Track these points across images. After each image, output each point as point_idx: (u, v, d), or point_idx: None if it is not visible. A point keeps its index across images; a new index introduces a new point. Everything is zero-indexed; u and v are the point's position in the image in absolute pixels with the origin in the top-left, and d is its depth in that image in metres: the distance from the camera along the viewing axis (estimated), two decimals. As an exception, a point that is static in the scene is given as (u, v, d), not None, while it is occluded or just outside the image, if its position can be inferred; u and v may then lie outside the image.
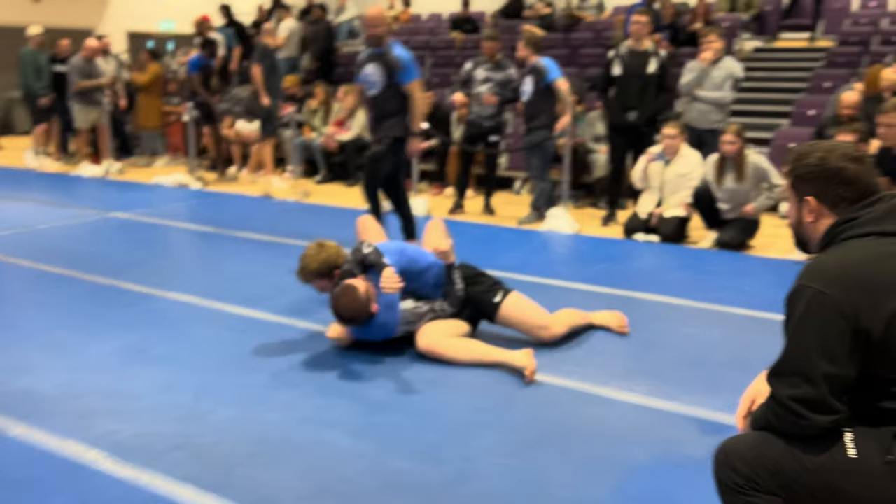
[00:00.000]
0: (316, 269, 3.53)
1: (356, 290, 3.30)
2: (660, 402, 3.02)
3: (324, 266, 3.53)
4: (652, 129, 6.49)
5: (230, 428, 2.77)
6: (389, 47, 5.03)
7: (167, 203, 7.46)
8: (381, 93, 5.07)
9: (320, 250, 3.56)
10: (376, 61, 5.03)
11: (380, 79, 5.03)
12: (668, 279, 4.88)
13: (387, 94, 5.06)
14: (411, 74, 5.02)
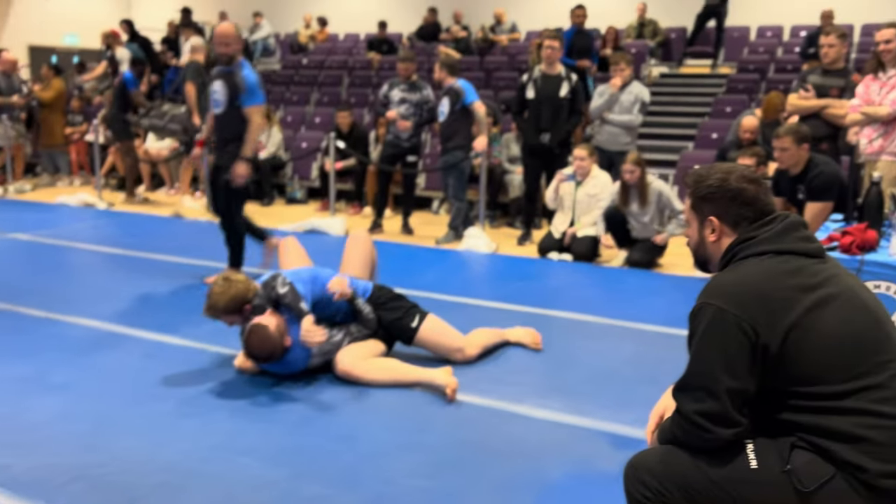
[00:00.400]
0: (224, 307, 3.37)
1: (266, 329, 3.21)
2: (574, 419, 3.07)
3: (232, 303, 3.37)
4: (564, 151, 6.66)
5: (135, 458, 2.66)
6: (238, 67, 4.78)
7: (72, 224, 7.15)
8: (224, 113, 4.85)
9: (228, 286, 3.38)
10: (223, 80, 4.80)
11: (224, 98, 4.81)
12: (580, 297, 4.98)
13: (230, 116, 4.83)
14: (254, 98, 4.79)
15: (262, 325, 3.22)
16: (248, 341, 3.24)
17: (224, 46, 4.73)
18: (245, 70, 4.79)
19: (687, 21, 11.76)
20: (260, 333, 3.21)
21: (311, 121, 10.38)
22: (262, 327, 3.21)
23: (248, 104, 4.79)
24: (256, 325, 3.23)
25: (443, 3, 14.00)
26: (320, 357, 3.42)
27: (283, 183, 9.37)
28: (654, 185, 5.81)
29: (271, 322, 3.25)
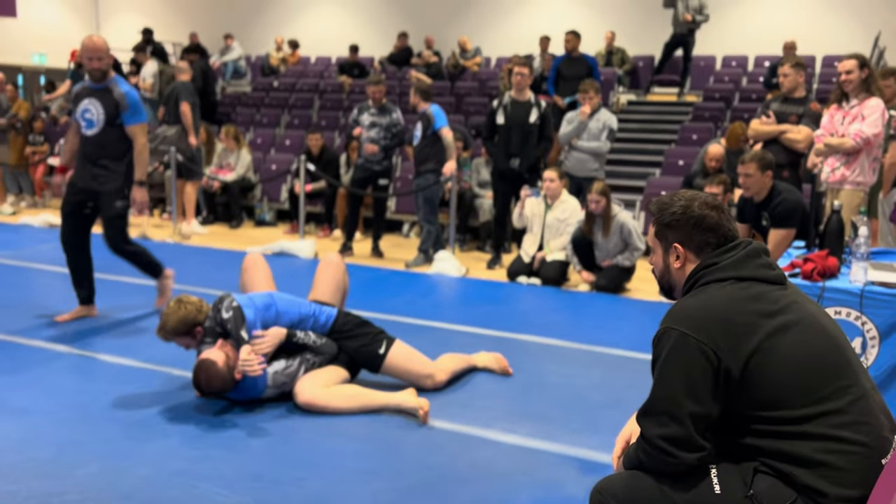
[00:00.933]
0: (173, 328, 3.32)
1: (214, 364, 3.14)
2: (541, 443, 3.07)
3: (181, 325, 3.32)
4: (534, 176, 6.72)
5: (96, 484, 2.60)
6: (114, 83, 4.44)
7: (34, 245, 7.03)
8: (99, 134, 4.43)
9: (178, 307, 3.34)
10: (97, 98, 4.42)
11: (99, 118, 4.40)
12: (549, 321, 5.00)
13: (107, 136, 4.44)
14: (138, 116, 4.47)
15: (209, 361, 3.15)
16: (195, 377, 3.17)
17: (96, 61, 4.36)
18: (124, 86, 4.45)
19: (654, 50, 12.00)
20: (207, 370, 3.13)
21: (282, 143, 10.36)
22: (210, 363, 3.14)
23: (132, 122, 4.46)
24: (203, 360, 3.16)
25: (414, 28, 14.13)
26: (275, 389, 3.35)
27: (252, 205, 9.32)
28: (618, 216, 5.87)
29: (219, 357, 3.18)
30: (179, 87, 8.25)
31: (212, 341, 3.33)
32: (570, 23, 13.28)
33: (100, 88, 4.45)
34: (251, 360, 3.14)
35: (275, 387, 3.34)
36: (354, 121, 7.07)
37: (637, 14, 13.15)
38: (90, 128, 4.45)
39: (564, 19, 13.46)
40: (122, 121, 4.46)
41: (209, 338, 3.34)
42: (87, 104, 4.44)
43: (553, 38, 11.62)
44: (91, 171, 4.47)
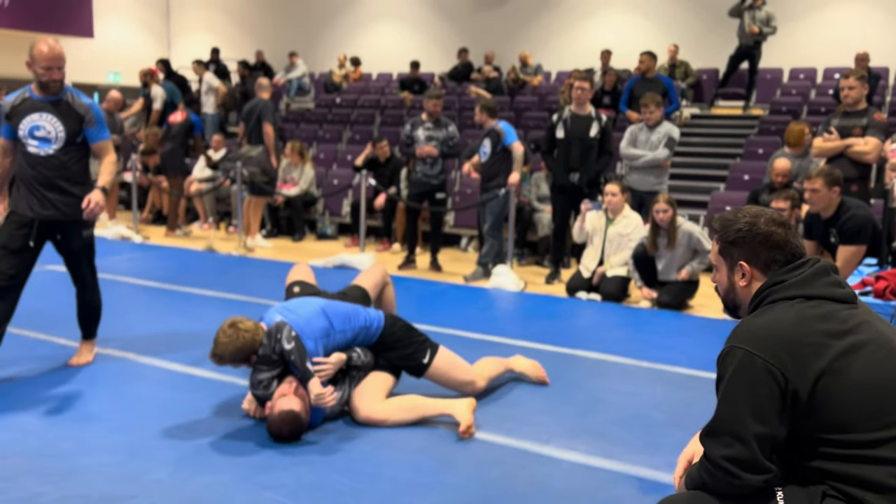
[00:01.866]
0: (231, 357, 3.21)
1: (298, 417, 3.10)
2: (601, 461, 3.03)
3: (239, 353, 3.20)
4: (594, 190, 6.68)
5: (163, 489, 2.68)
6: (72, 95, 3.88)
7: (108, 256, 7.30)
8: (57, 153, 3.82)
9: (236, 335, 3.18)
10: (51, 111, 3.80)
11: (58, 134, 3.81)
12: (609, 338, 4.95)
13: (66, 156, 3.85)
14: (105, 131, 3.97)
15: (293, 414, 3.10)
16: (277, 430, 3.10)
17: (57, 71, 3.78)
18: (84, 98, 3.93)
19: (718, 62, 11.80)
20: (293, 424, 3.09)
21: (343, 158, 10.53)
22: (295, 416, 3.09)
23: (99, 139, 3.94)
24: (287, 413, 3.09)
25: (474, 44, 14.22)
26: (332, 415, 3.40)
27: (314, 219, 9.49)
28: (683, 226, 5.79)
29: (299, 406, 3.14)
30: (261, 106, 8.23)
31: (266, 368, 3.24)
32: (631, 36, 13.20)
33: (53, 101, 3.83)
34: (324, 393, 3.17)
35: (331, 416, 3.41)
36: (408, 136, 7.13)
37: (700, 26, 12.96)
38: (44, 146, 3.81)
39: (626, 33, 13.37)
40: (87, 137, 3.92)
41: (263, 365, 3.24)
42: (39, 120, 3.80)
43: (614, 51, 11.54)
44: (47, 197, 3.83)
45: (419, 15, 15.67)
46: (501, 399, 3.71)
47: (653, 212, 5.79)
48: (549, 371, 4.16)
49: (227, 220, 9.83)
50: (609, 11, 13.76)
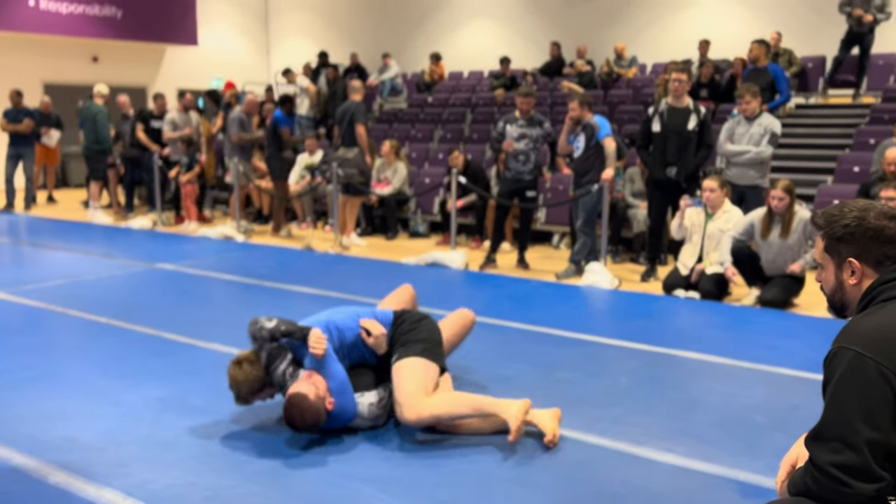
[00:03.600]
0: (249, 391, 3.16)
1: (305, 398, 2.97)
2: (700, 464, 2.94)
3: (255, 384, 3.15)
4: (692, 185, 6.48)
5: (262, 479, 2.78)
6: None
7: (212, 255, 7.62)
8: None
9: (239, 370, 3.14)
10: None
11: None
12: (708, 337, 4.79)
13: None
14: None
15: (300, 395, 2.98)
16: (288, 414, 3.00)
17: None
18: None
19: (824, 49, 11.24)
20: (300, 405, 2.96)
21: (435, 157, 10.61)
22: (301, 398, 2.97)
23: None
24: (294, 395, 2.99)
25: (566, 38, 14.06)
26: (369, 421, 3.21)
27: (407, 217, 9.61)
28: (799, 214, 5.56)
29: (309, 389, 3.00)
30: (353, 108, 8.31)
31: (278, 361, 3.17)
32: (730, 25, 12.74)
33: None
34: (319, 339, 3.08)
35: (369, 419, 3.21)
36: (500, 133, 7.10)
37: (805, 12, 12.37)
38: None
39: (724, 22, 12.92)
40: None
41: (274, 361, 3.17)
42: None
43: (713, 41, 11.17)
44: None
45: (509, 11, 15.61)
46: (594, 399, 3.65)
47: (769, 198, 5.59)
48: (644, 372, 4.08)
49: (323, 219, 10.08)
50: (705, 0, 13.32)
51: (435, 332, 3.39)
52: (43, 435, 3.15)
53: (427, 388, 3.14)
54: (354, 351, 3.35)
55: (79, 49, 15.44)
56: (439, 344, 3.37)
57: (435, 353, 3.30)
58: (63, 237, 8.65)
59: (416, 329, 3.36)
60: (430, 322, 3.44)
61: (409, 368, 3.18)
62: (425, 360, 3.23)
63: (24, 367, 4.03)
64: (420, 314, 3.48)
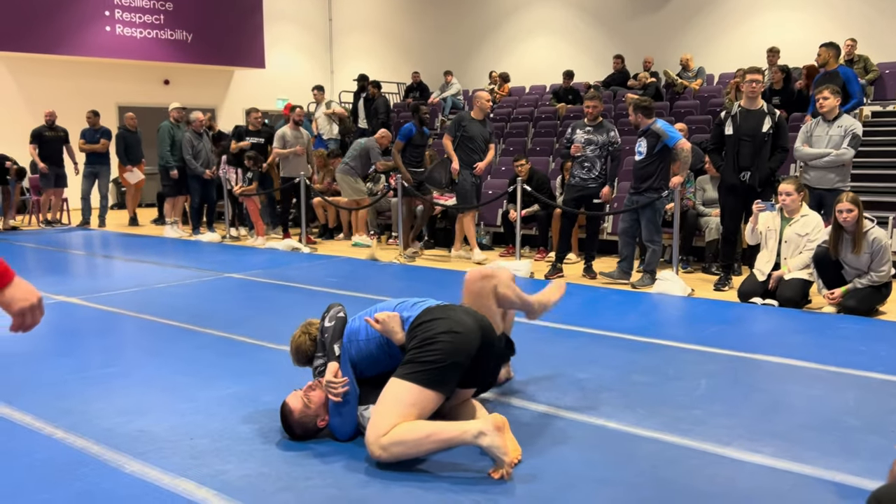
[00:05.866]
0: (294, 358, 3.25)
1: (291, 414, 2.99)
2: (791, 465, 2.78)
3: (297, 355, 3.22)
4: (768, 189, 6.26)
5: (336, 472, 2.73)
6: None
7: (280, 266, 7.71)
8: None
9: (297, 337, 3.22)
10: None
11: None
12: (790, 342, 4.59)
13: None
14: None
15: (286, 409, 3.01)
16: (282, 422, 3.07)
17: None
18: None
19: (903, 54, 10.82)
20: (285, 419, 3.02)
21: (497, 170, 10.56)
22: (287, 412, 3.01)
23: None
24: (283, 405, 3.04)
25: (630, 50, 13.90)
26: None
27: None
28: (872, 232, 5.27)
29: (296, 404, 2.99)
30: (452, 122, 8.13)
31: (321, 354, 3.09)
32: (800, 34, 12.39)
33: None
34: (336, 382, 2.93)
35: None
36: (568, 139, 7.02)
37: (880, 18, 11.95)
38: None
39: (795, 30, 12.58)
40: None
41: (320, 351, 3.10)
42: None
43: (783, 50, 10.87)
44: None
45: (571, 25, 15.54)
46: (673, 401, 3.51)
47: (835, 212, 5.33)
48: (725, 375, 3.91)
49: (387, 232, 10.14)
50: (774, 9, 13.01)
51: (455, 353, 2.81)
52: (119, 428, 3.18)
53: (403, 415, 2.72)
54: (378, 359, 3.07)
55: (151, 72, 15.98)
56: (455, 367, 2.81)
57: (440, 380, 2.78)
58: (136, 250, 8.89)
59: (425, 347, 2.82)
60: (454, 339, 2.83)
61: (391, 392, 2.78)
62: (418, 386, 2.76)
63: (99, 365, 4.11)
64: (448, 325, 2.88)
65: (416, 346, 2.85)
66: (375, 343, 3.05)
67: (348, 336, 3.09)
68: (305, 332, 3.24)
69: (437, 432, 2.69)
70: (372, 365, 3.07)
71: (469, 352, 2.85)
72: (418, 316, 3.00)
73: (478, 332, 2.92)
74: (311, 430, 3.04)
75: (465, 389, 3.07)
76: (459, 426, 2.71)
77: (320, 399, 3.02)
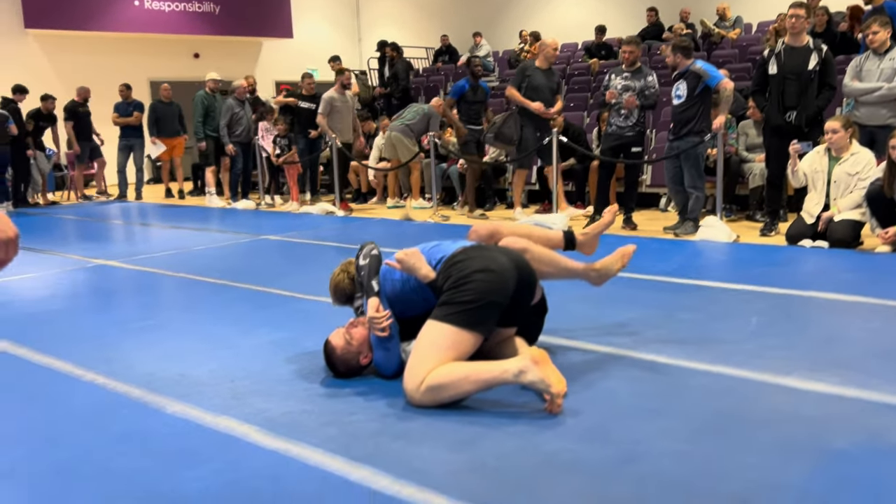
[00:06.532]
0: (332, 296, 3.22)
1: (333, 351, 2.94)
2: (857, 392, 2.64)
3: (335, 294, 3.20)
4: (815, 129, 6.01)
5: (381, 408, 2.66)
6: None
7: (314, 227, 7.67)
8: None
9: (336, 275, 3.19)
10: None
11: None
12: (843, 279, 4.41)
13: None
14: None
15: (329, 347, 2.97)
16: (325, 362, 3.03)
17: None
18: None
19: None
20: (328, 357, 2.97)
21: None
22: (329, 350, 2.96)
23: None
24: (325, 344, 2.99)
25: (662, 3, 13.50)
26: None
27: (504, 188, 9.41)
28: None
29: (338, 342, 2.94)
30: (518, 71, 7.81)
31: (360, 294, 2.98)
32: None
33: None
34: (378, 317, 2.83)
35: None
36: (605, 86, 6.82)
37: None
38: None
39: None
40: None
41: (360, 291, 2.99)
42: None
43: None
44: None
45: (603, -20, 15.15)
46: (724, 337, 3.37)
47: (889, 148, 5.09)
48: (776, 311, 3.77)
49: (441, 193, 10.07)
50: (816, -49, 12.49)
51: (491, 292, 2.69)
52: (159, 373, 3.14)
53: (442, 359, 2.62)
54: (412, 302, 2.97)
55: (180, 46, 15.97)
56: (492, 306, 2.70)
57: (477, 320, 2.67)
58: (172, 219, 8.92)
59: (460, 287, 2.70)
60: (489, 277, 2.71)
61: (427, 336, 2.69)
62: (455, 328, 2.64)
63: (138, 319, 4.09)
64: (483, 263, 2.77)
65: (451, 287, 2.74)
66: (409, 286, 2.95)
67: (383, 275, 3.01)
68: (344, 270, 3.19)
69: (476, 373, 2.60)
70: (407, 307, 2.98)
71: (506, 291, 2.75)
72: (452, 255, 2.89)
73: (514, 270, 2.81)
74: (354, 368, 2.98)
75: (506, 328, 2.98)
76: (499, 365, 2.61)
77: (362, 336, 2.95)
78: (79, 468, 2.28)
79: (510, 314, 2.86)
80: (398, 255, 2.93)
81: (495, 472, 2.15)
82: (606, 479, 2.09)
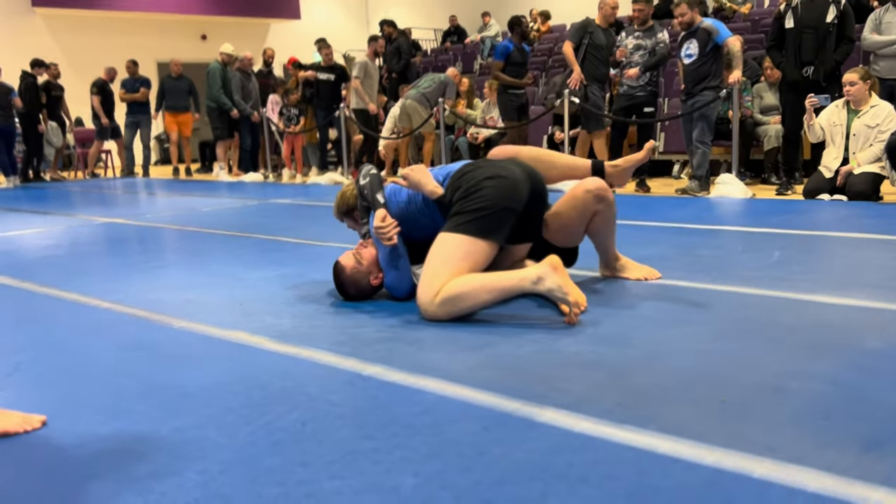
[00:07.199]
0: (336, 207, 3.26)
1: (342, 271, 2.87)
2: (888, 304, 2.54)
3: (338, 205, 3.25)
4: (833, 85, 5.89)
5: (392, 321, 2.58)
6: None
7: (323, 194, 7.60)
8: None
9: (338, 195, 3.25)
10: None
11: None
12: (864, 224, 4.30)
13: None
14: None
15: (338, 267, 2.89)
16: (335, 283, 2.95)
17: None
18: None
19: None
20: (337, 277, 2.89)
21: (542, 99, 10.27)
22: (338, 270, 2.89)
23: None
24: (335, 265, 2.92)
25: (675, -20, 13.36)
26: None
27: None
28: None
29: (348, 262, 2.87)
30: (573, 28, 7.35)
31: (366, 220, 2.95)
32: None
33: None
34: (384, 226, 2.73)
35: None
36: (616, 45, 6.71)
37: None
38: None
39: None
40: None
41: (365, 215, 2.96)
42: None
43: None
44: None
45: (613, -41, 15.01)
46: (745, 265, 3.28)
47: None
48: (799, 247, 3.67)
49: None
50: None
51: (504, 198, 2.60)
52: (166, 299, 3.07)
53: (456, 270, 2.53)
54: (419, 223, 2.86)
55: (188, 27, 15.93)
56: (506, 212, 2.61)
57: (490, 228, 2.58)
58: (180, 189, 8.86)
59: (471, 196, 2.62)
60: (500, 183, 2.62)
61: (439, 248, 2.59)
62: (469, 237, 2.56)
63: (144, 261, 4.02)
64: (493, 170, 2.68)
65: (462, 197, 2.64)
66: (416, 206, 2.84)
67: (389, 197, 2.90)
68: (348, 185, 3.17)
69: (492, 282, 2.50)
70: (414, 228, 2.86)
71: (519, 196, 2.66)
72: (460, 168, 2.79)
73: (526, 180, 2.72)
74: (364, 289, 2.89)
75: (520, 245, 2.89)
76: (517, 273, 2.51)
77: (372, 255, 2.87)
78: (85, 370, 2.21)
79: (523, 226, 2.78)
80: (403, 171, 2.85)
81: (515, 368, 2.07)
82: (629, 372, 2.00)
